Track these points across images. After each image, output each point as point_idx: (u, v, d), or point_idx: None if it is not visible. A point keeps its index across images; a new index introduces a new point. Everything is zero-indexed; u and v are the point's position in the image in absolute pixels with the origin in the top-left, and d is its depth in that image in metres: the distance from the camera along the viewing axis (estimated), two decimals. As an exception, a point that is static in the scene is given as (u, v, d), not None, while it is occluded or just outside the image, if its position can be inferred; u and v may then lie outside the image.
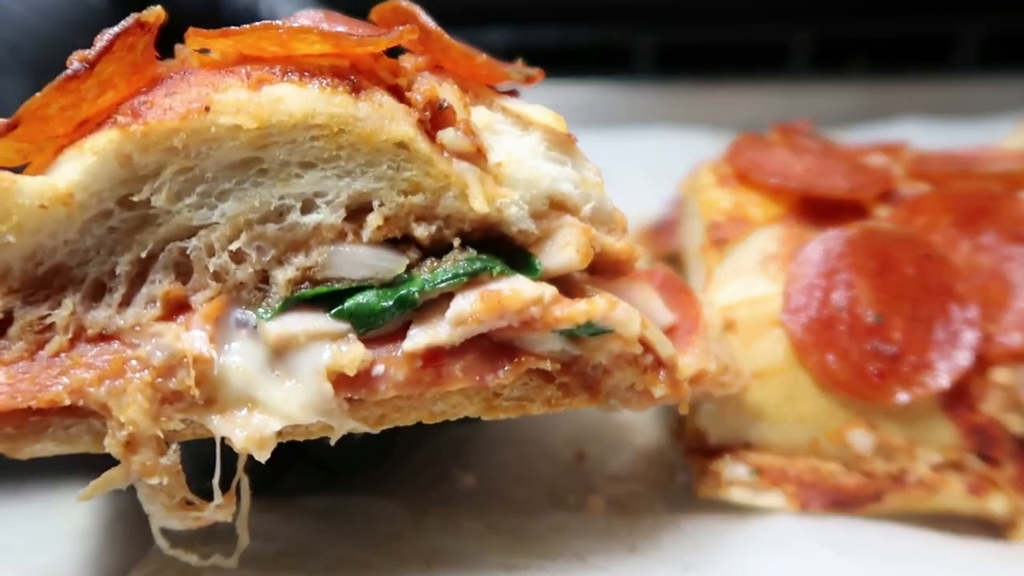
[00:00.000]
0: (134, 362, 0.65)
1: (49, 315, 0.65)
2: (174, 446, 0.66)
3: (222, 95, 0.64)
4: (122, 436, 0.64)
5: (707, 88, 1.93)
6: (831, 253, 0.89)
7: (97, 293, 0.67)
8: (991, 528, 0.87)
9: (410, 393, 0.69)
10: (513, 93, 0.78)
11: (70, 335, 0.65)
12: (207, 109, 0.64)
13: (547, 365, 0.71)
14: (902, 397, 0.84)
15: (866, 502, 0.87)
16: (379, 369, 0.68)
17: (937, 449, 0.86)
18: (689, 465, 0.93)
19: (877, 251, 0.89)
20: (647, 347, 0.74)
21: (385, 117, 0.66)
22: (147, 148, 0.64)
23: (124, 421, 0.63)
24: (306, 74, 0.66)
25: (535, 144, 0.73)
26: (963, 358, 0.84)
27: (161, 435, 0.65)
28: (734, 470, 0.90)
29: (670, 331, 0.81)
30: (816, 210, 0.96)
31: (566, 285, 0.73)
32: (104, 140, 0.63)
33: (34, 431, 0.65)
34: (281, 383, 0.66)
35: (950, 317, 0.85)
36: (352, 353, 0.67)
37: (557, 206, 0.72)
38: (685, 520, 0.90)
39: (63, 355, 0.65)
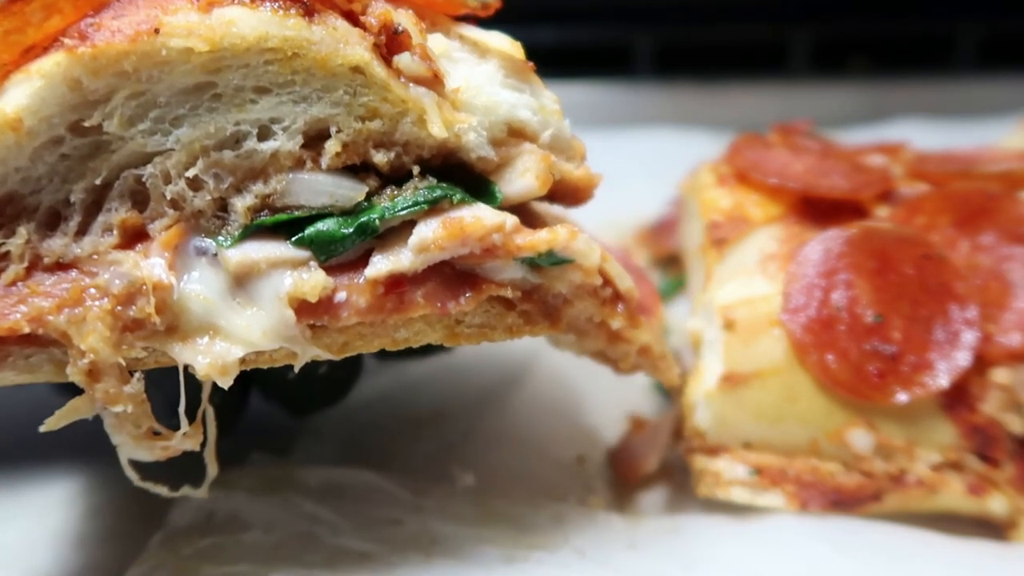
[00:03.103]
0: (93, 290, 0.64)
1: (3, 244, 0.65)
2: (138, 375, 0.65)
3: (172, 17, 0.63)
4: (84, 364, 0.63)
5: (707, 88, 1.93)
6: (831, 253, 0.89)
7: (52, 222, 0.66)
8: (991, 528, 0.87)
9: (372, 320, 0.69)
10: (470, 21, 0.79)
11: (26, 264, 0.65)
12: (156, 31, 0.62)
13: (508, 293, 0.72)
14: (902, 397, 0.84)
15: (866, 502, 0.87)
16: (341, 296, 0.68)
17: (937, 449, 0.86)
18: (689, 465, 0.93)
19: (877, 251, 0.89)
20: (606, 279, 0.75)
21: (340, 41, 0.65)
22: (96, 72, 0.62)
23: (85, 349, 0.63)
24: None
25: (493, 71, 0.73)
26: (963, 358, 0.84)
27: (123, 363, 0.64)
28: (734, 470, 0.90)
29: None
30: (816, 210, 0.96)
31: (526, 214, 0.73)
32: (51, 63, 0.62)
33: None
34: (243, 310, 0.66)
35: (950, 317, 0.85)
36: (313, 280, 0.66)
37: (516, 133, 0.72)
38: (685, 519, 0.90)
39: (19, 284, 0.64)
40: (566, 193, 0.78)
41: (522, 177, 0.72)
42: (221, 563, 0.81)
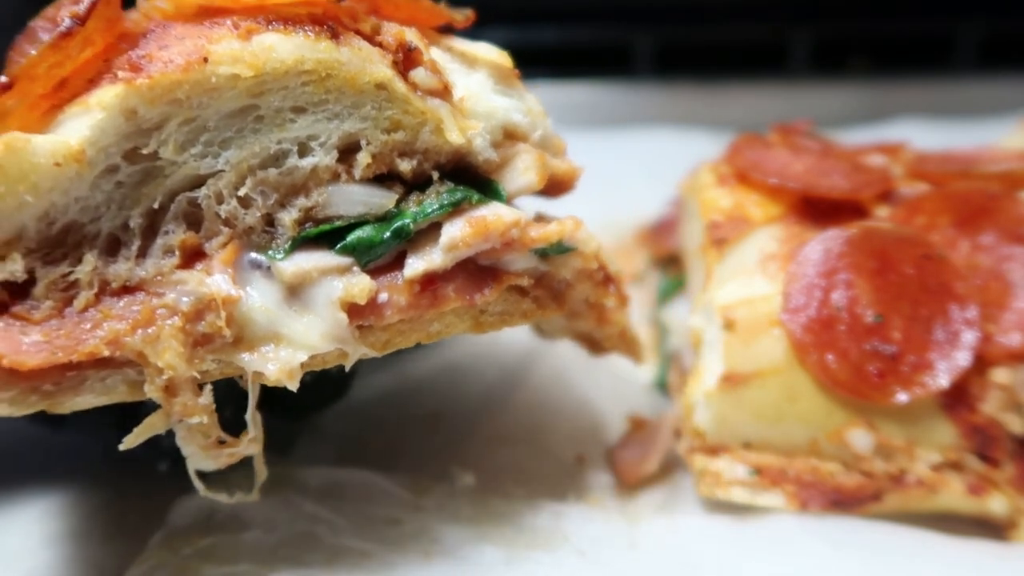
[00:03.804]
0: (162, 310, 0.67)
1: (71, 272, 0.67)
2: (208, 386, 0.69)
3: (217, 46, 0.66)
4: (161, 381, 0.66)
5: (707, 88, 1.93)
6: (831, 253, 0.89)
7: (112, 248, 0.69)
8: (991, 528, 0.87)
9: (411, 316, 0.75)
10: (449, 32, 0.84)
11: (95, 290, 0.67)
12: (205, 60, 0.66)
13: (524, 281, 0.79)
14: (902, 397, 0.84)
15: (866, 502, 0.87)
16: (383, 296, 0.73)
17: (937, 449, 0.86)
18: (689, 465, 0.94)
19: (877, 251, 0.89)
20: (600, 264, 0.83)
21: (365, 60, 0.70)
22: (152, 101, 0.66)
23: (162, 366, 0.66)
24: (288, 23, 0.69)
25: (484, 79, 0.79)
26: (963, 358, 0.84)
27: (198, 376, 0.68)
28: (734, 470, 0.90)
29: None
30: (816, 210, 0.96)
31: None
32: (111, 95, 0.65)
33: (72, 385, 0.67)
34: (300, 317, 0.71)
35: (950, 317, 0.85)
36: (361, 284, 0.71)
37: (510, 135, 0.79)
38: (685, 519, 0.90)
39: (92, 309, 0.67)
40: (552, 186, 0.83)
41: (524, 175, 0.78)
42: (221, 563, 0.81)
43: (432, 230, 0.74)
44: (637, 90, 1.94)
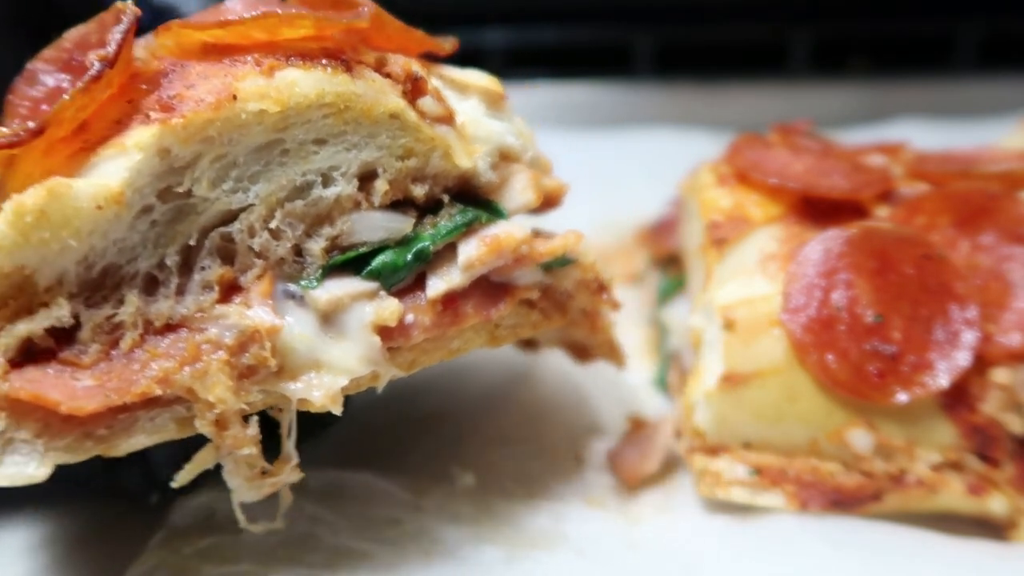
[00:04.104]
0: (207, 345, 0.68)
1: (115, 314, 0.68)
2: (253, 418, 0.70)
3: (243, 83, 0.68)
4: (212, 415, 0.67)
5: (707, 88, 1.93)
6: (831, 253, 0.89)
7: (150, 287, 0.69)
8: (991, 528, 0.87)
9: (435, 335, 0.77)
10: (435, 60, 0.86)
11: (140, 330, 0.68)
12: (235, 97, 0.67)
13: (533, 294, 0.83)
14: (902, 397, 0.84)
15: (866, 502, 0.87)
16: (409, 317, 0.75)
17: (937, 449, 0.86)
18: (689, 465, 0.94)
19: (877, 251, 0.89)
20: (595, 273, 0.87)
21: (379, 92, 0.73)
22: (186, 140, 0.67)
23: (213, 400, 0.67)
24: (305, 58, 0.71)
25: (476, 105, 0.83)
26: (963, 358, 0.84)
27: (246, 408, 0.69)
28: (734, 470, 0.90)
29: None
30: (816, 210, 0.96)
31: None
32: (147, 136, 0.66)
33: (124, 427, 0.68)
34: (336, 343, 0.72)
35: (950, 317, 0.85)
36: (390, 307, 0.73)
37: (505, 157, 0.82)
38: (685, 519, 0.90)
39: (138, 350, 0.68)
40: (544, 203, 0.86)
41: (522, 194, 0.82)
42: (221, 563, 0.81)
43: (447, 251, 0.77)
44: (637, 90, 1.94)
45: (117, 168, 0.65)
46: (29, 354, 0.66)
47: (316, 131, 0.71)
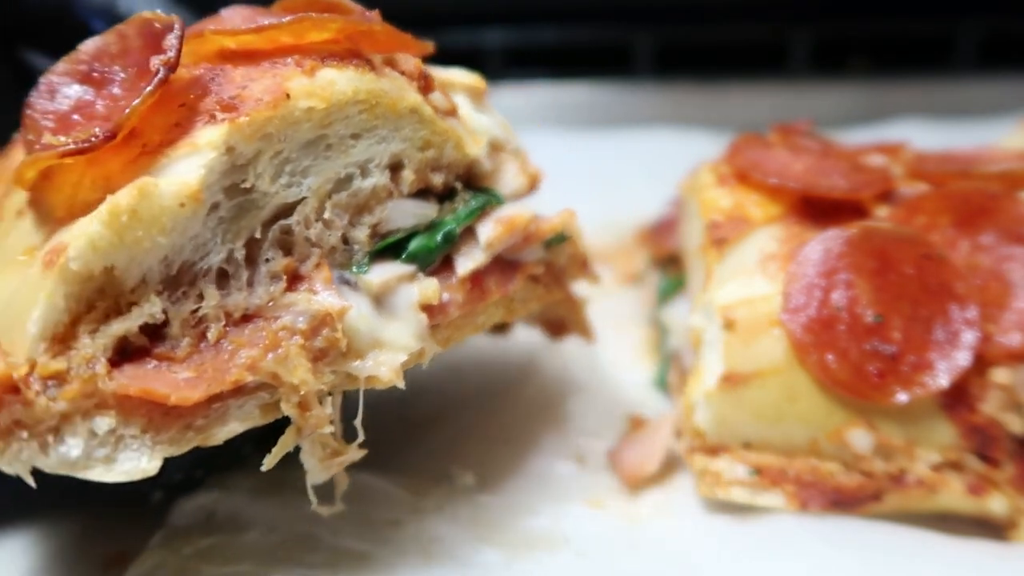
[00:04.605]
0: (283, 332, 0.72)
1: (198, 308, 0.71)
2: (328, 399, 0.74)
3: (292, 83, 0.72)
4: (296, 398, 0.71)
5: (707, 88, 1.93)
6: (831, 253, 0.89)
7: (221, 282, 0.72)
8: (991, 528, 0.87)
9: (466, 311, 0.83)
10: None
11: (223, 322, 0.71)
12: (288, 96, 0.71)
13: (538, 270, 0.90)
14: (901, 397, 0.84)
15: (866, 502, 0.87)
16: (445, 296, 0.80)
17: (936, 449, 0.86)
18: (689, 465, 0.94)
19: (877, 251, 0.89)
20: (582, 249, 0.95)
21: (400, 88, 0.78)
22: (250, 137, 0.70)
23: (297, 383, 0.70)
24: (335, 58, 0.76)
25: (464, 101, 0.88)
26: (962, 358, 0.84)
27: (324, 389, 0.73)
28: (734, 470, 0.90)
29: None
30: (816, 210, 0.96)
31: None
32: (218, 134, 0.69)
33: (218, 416, 0.71)
34: (390, 323, 0.77)
35: (950, 317, 0.85)
36: (431, 286, 0.78)
37: (495, 148, 0.88)
38: (685, 519, 0.90)
39: (223, 341, 0.71)
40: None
41: (516, 179, 0.88)
42: (221, 563, 0.81)
43: (466, 234, 0.83)
44: (637, 90, 1.94)
45: (191, 167, 0.68)
46: (124, 353, 0.68)
47: (353, 126, 0.76)
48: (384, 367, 0.75)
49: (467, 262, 0.82)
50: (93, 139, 0.66)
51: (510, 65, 1.89)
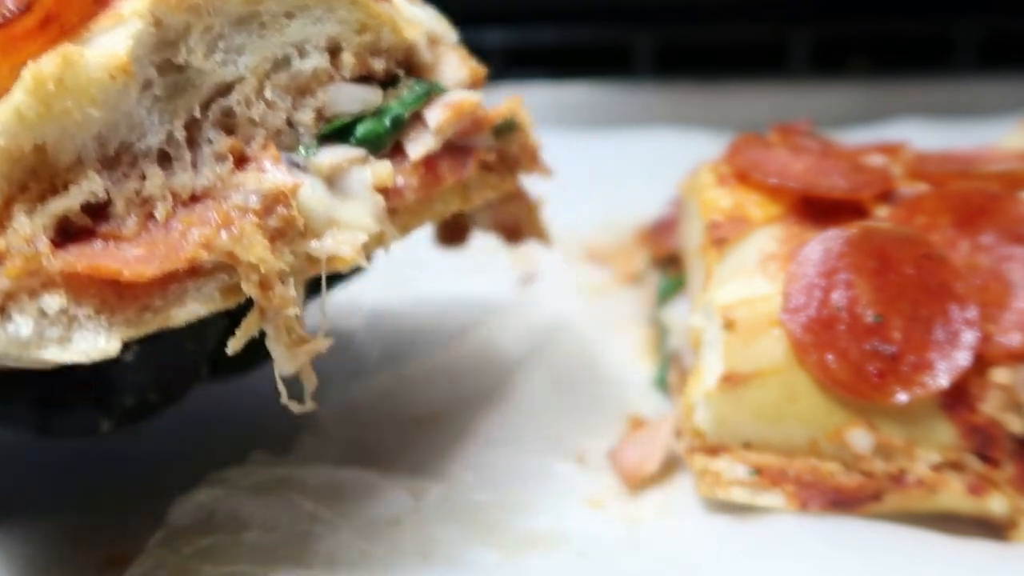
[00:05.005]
0: (235, 211, 0.70)
1: (142, 187, 0.69)
2: (291, 279, 0.72)
3: None
4: (256, 277, 0.69)
5: (707, 88, 1.93)
6: (831, 253, 0.89)
7: (163, 163, 0.71)
8: (991, 528, 0.87)
9: (421, 196, 0.82)
10: None
11: (171, 202, 0.70)
12: None
13: (490, 156, 0.89)
14: (901, 397, 0.84)
15: (866, 502, 0.87)
16: (400, 180, 0.80)
17: (936, 449, 0.86)
18: (689, 465, 0.94)
19: (877, 251, 0.89)
20: (532, 139, 0.93)
21: None
22: (176, 8, 0.68)
23: (255, 261, 0.68)
24: None
25: None
26: (962, 358, 0.84)
27: (285, 269, 0.71)
28: (734, 470, 0.90)
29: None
30: (816, 210, 0.96)
31: None
32: (142, 4, 0.67)
33: (176, 297, 0.69)
34: (346, 203, 0.76)
35: (950, 317, 0.85)
36: (385, 168, 0.78)
37: (433, 41, 0.87)
38: (685, 519, 0.90)
39: (173, 221, 0.69)
40: (472, 84, 0.92)
41: (457, 71, 0.87)
42: (221, 563, 0.81)
43: (414, 121, 0.82)
44: (637, 90, 1.94)
45: (118, 38, 0.66)
46: (67, 235, 0.66)
47: (286, 4, 0.75)
48: (345, 245, 0.74)
49: (418, 147, 0.81)
50: (7, 15, 0.62)
51: (510, 65, 1.89)
